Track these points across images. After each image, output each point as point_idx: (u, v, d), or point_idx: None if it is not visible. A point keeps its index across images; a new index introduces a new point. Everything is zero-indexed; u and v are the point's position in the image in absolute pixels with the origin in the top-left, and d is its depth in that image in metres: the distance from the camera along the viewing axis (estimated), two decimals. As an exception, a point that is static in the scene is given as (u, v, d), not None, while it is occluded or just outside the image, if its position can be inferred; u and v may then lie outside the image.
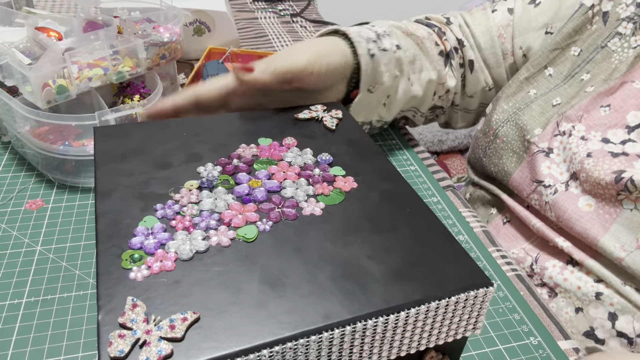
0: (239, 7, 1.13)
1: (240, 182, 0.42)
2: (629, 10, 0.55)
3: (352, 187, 0.42)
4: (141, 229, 0.36)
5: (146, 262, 0.33)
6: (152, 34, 0.62)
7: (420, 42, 0.63)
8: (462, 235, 0.55)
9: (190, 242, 0.35)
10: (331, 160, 0.45)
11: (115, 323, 0.29)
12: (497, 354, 0.43)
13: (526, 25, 0.64)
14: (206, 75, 0.74)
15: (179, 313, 0.30)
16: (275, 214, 0.38)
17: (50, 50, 0.56)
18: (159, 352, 0.28)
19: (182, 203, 0.39)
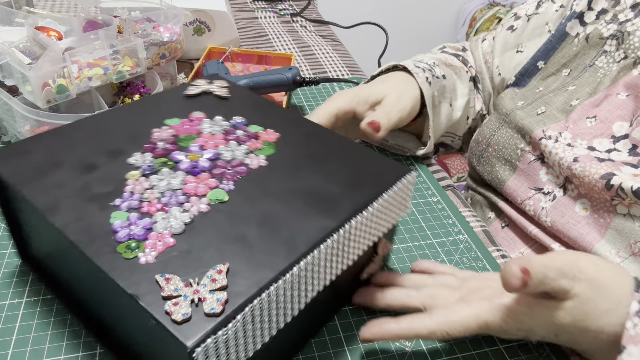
0: (239, 7, 1.13)
1: (178, 160, 0.42)
2: (612, 29, 0.57)
3: (276, 137, 0.47)
4: (117, 223, 0.36)
5: (145, 246, 0.34)
6: (152, 34, 0.62)
7: (458, 72, 0.70)
8: (462, 235, 0.55)
9: (174, 218, 0.37)
10: (245, 121, 0.48)
11: (159, 301, 0.31)
12: (497, 353, 0.43)
13: (502, 47, 0.70)
14: (206, 75, 0.74)
15: (210, 269, 0.33)
16: (230, 174, 0.41)
17: (50, 49, 0.56)
18: (218, 300, 0.31)
19: (138, 192, 0.39)
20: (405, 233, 0.55)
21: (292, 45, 0.98)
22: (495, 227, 0.63)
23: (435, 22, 2.49)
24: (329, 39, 1.03)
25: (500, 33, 0.71)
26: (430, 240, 0.54)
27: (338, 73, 0.90)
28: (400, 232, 0.55)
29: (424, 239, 0.54)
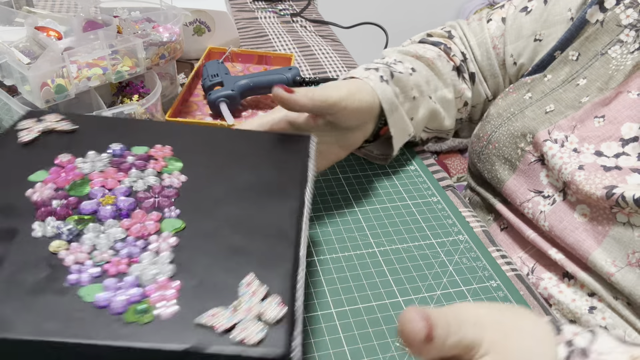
0: (238, 7, 1.13)
1: (93, 211, 0.37)
2: (632, 17, 0.53)
3: (169, 149, 0.43)
4: (100, 297, 0.31)
5: (152, 302, 0.31)
6: (152, 34, 0.62)
7: (431, 64, 0.64)
8: (462, 235, 0.55)
9: (155, 263, 0.33)
10: (123, 146, 0.43)
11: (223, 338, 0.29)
12: (496, 354, 0.43)
13: (517, 33, 0.64)
14: (206, 75, 0.74)
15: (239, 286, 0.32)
16: (164, 201, 0.38)
17: (50, 49, 0.56)
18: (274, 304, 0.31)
19: (83, 259, 0.33)
20: (405, 233, 0.55)
21: (292, 45, 0.98)
22: (494, 230, 0.62)
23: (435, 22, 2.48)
24: (329, 39, 1.03)
25: (513, 15, 0.65)
26: (430, 240, 0.54)
27: (338, 73, 0.90)
28: (399, 232, 0.55)
29: (424, 239, 0.54)
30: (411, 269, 0.51)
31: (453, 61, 0.66)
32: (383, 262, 0.51)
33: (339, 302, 0.47)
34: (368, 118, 0.55)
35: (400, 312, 0.46)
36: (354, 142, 0.56)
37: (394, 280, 0.49)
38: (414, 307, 0.30)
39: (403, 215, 0.57)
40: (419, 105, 0.61)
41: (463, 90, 0.67)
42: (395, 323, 0.45)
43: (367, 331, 0.44)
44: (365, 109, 0.53)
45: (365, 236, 0.54)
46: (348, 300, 0.47)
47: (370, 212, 0.57)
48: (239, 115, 0.72)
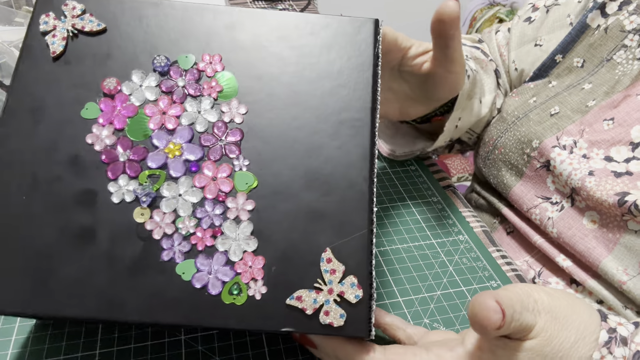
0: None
1: (162, 165, 0.35)
2: (636, 22, 0.53)
3: (220, 60, 0.38)
4: (196, 277, 0.32)
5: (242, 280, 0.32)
6: (152, 34, 0.62)
7: (484, 66, 0.64)
8: (462, 235, 0.55)
9: (237, 236, 0.33)
10: (168, 58, 0.37)
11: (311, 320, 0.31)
12: (497, 354, 0.43)
13: (519, 40, 0.65)
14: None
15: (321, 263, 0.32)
16: (230, 146, 0.35)
17: (50, 49, 0.56)
18: (352, 285, 0.32)
19: (170, 231, 0.33)
20: (405, 233, 0.55)
21: (292, 45, 0.98)
22: (500, 233, 0.62)
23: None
24: (329, 38, 1.03)
25: (517, 25, 0.66)
26: (430, 240, 0.54)
27: (338, 73, 0.90)
28: (400, 232, 0.55)
29: (424, 239, 0.54)
30: (411, 269, 0.51)
31: (491, 65, 0.67)
32: (383, 262, 0.51)
33: (339, 302, 0.47)
34: (446, 98, 0.55)
35: (400, 313, 0.46)
36: (412, 112, 0.56)
37: (393, 280, 0.49)
38: (487, 292, 0.30)
39: (403, 215, 0.57)
40: (471, 107, 0.61)
41: (497, 97, 0.67)
42: (395, 323, 0.45)
43: (367, 331, 0.44)
44: (455, 89, 0.53)
45: (365, 236, 0.54)
46: (348, 300, 0.47)
47: (370, 212, 0.57)
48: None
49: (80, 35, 0.37)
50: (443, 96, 0.54)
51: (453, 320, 0.46)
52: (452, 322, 0.45)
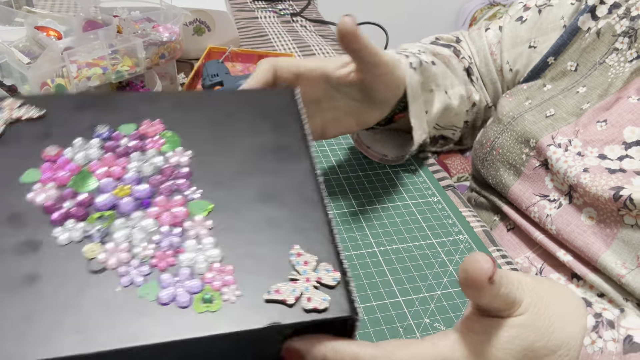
0: (238, 7, 1.13)
1: (113, 205, 0.34)
2: (625, 25, 0.54)
3: (160, 123, 0.40)
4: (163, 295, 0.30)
5: (215, 288, 0.31)
6: (152, 34, 0.62)
7: (447, 61, 0.65)
8: (462, 235, 0.55)
9: (201, 251, 0.33)
10: (110, 127, 0.39)
11: (294, 310, 0.31)
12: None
13: (512, 40, 0.66)
14: (206, 75, 0.74)
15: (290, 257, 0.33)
16: (181, 183, 0.36)
17: (49, 49, 0.56)
18: (328, 271, 0.32)
19: (126, 258, 0.32)
20: (405, 233, 0.55)
21: (292, 45, 0.98)
22: (500, 230, 0.62)
23: (435, 22, 2.48)
24: (329, 39, 1.03)
25: (509, 24, 0.67)
26: (430, 240, 0.54)
27: (338, 73, 0.90)
28: (400, 232, 0.55)
29: (424, 239, 0.54)
30: (411, 268, 0.51)
31: (463, 63, 0.68)
32: (383, 262, 0.51)
33: (339, 302, 0.47)
34: (392, 97, 0.54)
35: (400, 312, 0.46)
36: (369, 119, 0.56)
37: (394, 280, 0.49)
38: (479, 252, 0.31)
39: (403, 215, 0.57)
40: (434, 98, 0.61)
41: (472, 92, 0.68)
42: (395, 323, 0.45)
43: (367, 331, 0.44)
44: (396, 87, 0.53)
45: (365, 236, 0.54)
46: (348, 300, 0.47)
47: (370, 212, 0.57)
48: (239, 115, 0.71)
49: (19, 122, 0.38)
50: (386, 96, 0.53)
51: (453, 320, 0.45)
52: (452, 321, 0.45)
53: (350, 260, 0.51)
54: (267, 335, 0.31)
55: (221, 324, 0.29)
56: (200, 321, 0.29)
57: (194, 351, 0.31)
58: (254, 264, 0.33)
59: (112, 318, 0.29)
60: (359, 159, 0.65)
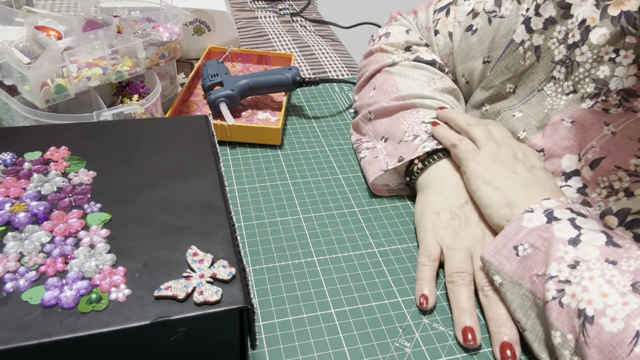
0: (238, 7, 1.13)
1: (8, 220, 0.35)
2: (562, 53, 0.54)
3: (66, 149, 0.42)
4: (47, 297, 0.30)
5: (103, 289, 0.31)
6: (152, 34, 0.62)
7: (457, 95, 0.66)
8: (461, 235, 0.55)
9: (94, 256, 0.33)
10: (13, 154, 0.41)
11: (186, 305, 0.31)
12: (496, 354, 0.43)
13: (465, 54, 0.66)
14: (206, 75, 0.74)
15: (186, 256, 0.33)
16: (81, 198, 0.37)
17: (50, 49, 0.56)
18: (223, 267, 0.33)
19: (14, 267, 0.32)
20: (404, 233, 0.55)
21: (292, 45, 0.98)
22: None
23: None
24: (329, 39, 1.03)
25: (459, 34, 0.66)
26: (429, 240, 0.54)
27: (338, 73, 0.90)
28: (399, 232, 0.55)
29: (423, 239, 0.54)
30: (411, 269, 0.51)
31: (448, 77, 0.67)
32: (383, 262, 0.51)
33: (338, 302, 0.47)
34: None
35: (399, 313, 0.46)
36: None
37: (393, 280, 0.49)
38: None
39: (403, 215, 0.57)
40: None
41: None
42: (394, 323, 0.45)
43: (367, 331, 0.44)
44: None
45: (365, 236, 0.54)
46: (348, 300, 0.47)
47: (370, 212, 0.57)
48: (239, 115, 0.72)
49: None
50: None
51: (453, 320, 0.46)
52: (452, 322, 0.45)
53: (350, 260, 0.51)
54: (157, 332, 0.30)
55: (105, 322, 0.29)
56: (85, 320, 0.29)
57: (81, 352, 0.30)
58: (149, 266, 0.33)
59: None
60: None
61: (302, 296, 0.47)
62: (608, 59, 0.49)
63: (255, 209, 0.57)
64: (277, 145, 0.68)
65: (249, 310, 0.31)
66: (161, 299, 0.31)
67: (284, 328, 0.44)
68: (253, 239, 0.53)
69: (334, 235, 0.54)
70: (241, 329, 0.33)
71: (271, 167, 0.63)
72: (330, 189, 0.60)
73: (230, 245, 0.35)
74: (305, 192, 0.60)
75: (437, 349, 0.43)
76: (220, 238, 0.35)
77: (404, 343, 0.44)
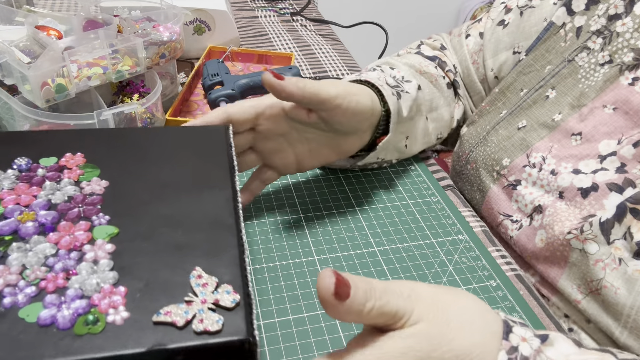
0: (239, 6, 1.13)
1: (14, 230, 0.34)
2: (600, 23, 0.52)
3: (81, 157, 0.41)
4: (43, 315, 0.29)
5: (101, 310, 0.30)
6: (152, 33, 0.62)
7: (434, 81, 0.64)
8: (462, 234, 0.55)
9: (96, 272, 0.32)
10: (28, 160, 0.40)
11: (185, 333, 0.29)
12: (496, 353, 0.43)
13: (495, 46, 0.64)
14: (206, 74, 0.74)
15: (189, 278, 0.32)
16: (90, 209, 0.37)
17: (50, 49, 0.56)
18: (227, 292, 0.31)
19: (15, 280, 0.31)
20: (405, 233, 0.55)
21: (292, 44, 0.98)
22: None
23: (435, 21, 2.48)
24: (329, 38, 1.03)
25: (490, 29, 0.65)
26: (430, 240, 0.54)
27: (338, 72, 0.90)
28: (399, 232, 0.55)
29: (423, 239, 0.54)
30: (411, 268, 0.51)
31: (448, 77, 0.66)
32: (383, 262, 0.51)
33: (339, 301, 0.47)
34: (365, 125, 0.53)
35: (400, 312, 0.46)
36: (348, 148, 0.54)
37: (394, 279, 0.49)
38: (326, 269, 0.29)
39: (403, 215, 0.57)
40: (417, 124, 0.60)
41: (454, 110, 0.67)
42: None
43: (367, 331, 0.44)
44: (362, 113, 0.51)
45: (365, 236, 0.54)
46: (348, 300, 0.47)
47: (370, 212, 0.57)
48: (239, 115, 0.72)
49: None
50: (353, 125, 0.52)
51: (453, 319, 0.46)
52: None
53: (350, 260, 0.51)
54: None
55: (99, 347, 0.28)
56: (79, 343, 0.28)
57: None
58: (151, 287, 0.31)
59: None
60: (359, 158, 0.65)
61: (303, 295, 0.47)
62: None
63: (256, 208, 0.57)
64: (278, 145, 0.68)
65: (251, 342, 0.30)
66: (160, 325, 0.30)
67: (285, 327, 0.44)
68: (254, 239, 0.53)
69: (334, 234, 0.54)
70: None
71: (271, 167, 0.64)
72: (330, 187, 0.60)
73: (237, 268, 0.33)
74: (305, 192, 0.60)
75: (437, 348, 0.43)
76: (227, 259, 0.34)
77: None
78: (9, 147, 0.41)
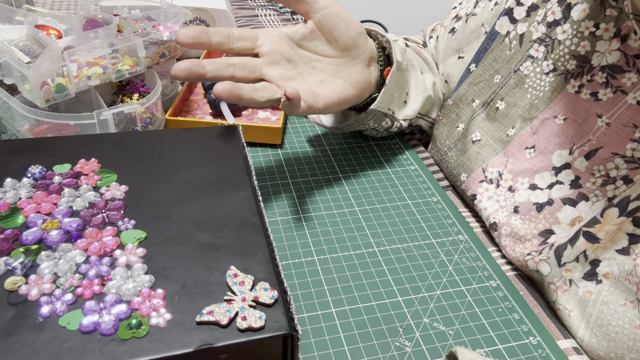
0: (239, 5, 1.13)
1: (40, 239, 0.34)
2: (540, 31, 0.52)
3: (97, 163, 0.42)
4: (86, 322, 0.29)
5: (143, 314, 0.30)
6: (152, 33, 0.62)
7: (418, 53, 0.67)
8: (462, 235, 0.55)
9: (131, 277, 0.32)
10: (41, 167, 0.40)
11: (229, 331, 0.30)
12: (496, 353, 0.43)
13: (444, 52, 0.66)
14: (206, 74, 0.74)
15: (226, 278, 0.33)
16: (114, 215, 0.37)
17: (50, 48, 0.56)
18: (265, 289, 0.32)
19: (49, 289, 0.31)
20: (405, 233, 0.55)
21: (292, 43, 0.98)
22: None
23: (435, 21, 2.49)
24: (329, 37, 1.03)
25: (443, 37, 0.67)
26: (430, 240, 0.54)
27: (338, 72, 0.90)
28: (399, 232, 0.55)
29: (423, 239, 0.54)
30: (411, 268, 0.51)
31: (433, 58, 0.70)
32: (383, 262, 0.51)
33: (339, 301, 0.47)
34: (363, 47, 0.55)
35: (400, 312, 0.46)
36: (358, 77, 0.55)
37: (394, 280, 0.49)
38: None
39: (403, 215, 0.57)
40: (412, 76, 0.63)
41: (439, 86, 0.69)
42: (395, 323, 0.45)
43: (367, 331, 0.44)
44: (355, 25, 0.54)
45: (365, 236, 0.54)
46: (348, 300, 0.47)
47: (370, 212, 0.57)
48: (239, 114, 0.72)
49: None
50: (352, 36, 0.54)
51: (453, 320, 0.46)
52: (452, 321, 0.45)
53: (350, 260, 0.51)
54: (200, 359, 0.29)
55: (146, 350, 0.28)
56: (125, 348, 0.28)
57: None
58: (189, 288, 0.32)
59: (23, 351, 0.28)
60: (359, 158, 0.65)
61: (302, 295, 0.47)
62: (588, 33, 0.47)
63: (256, 208, 0.57)
64: (278, 145, 0.68)
65: (294, 336, 0.30)
66: (203, 324, 0.30)
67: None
68: (253, 239, 0.53)
69: (334, 234, 0.54)
70: (284, 355, 0.32)
71: (271, 167, 0.63)
72: (330, 188, 0.60)
73: (270, 265, 0.34)
74: (305, 192, 0.60)
75: (437, 348, 0.43)
76: (259, 258, 0.34)
77: (405, 342, 0.44)
78: (18, 155, 0.41)
